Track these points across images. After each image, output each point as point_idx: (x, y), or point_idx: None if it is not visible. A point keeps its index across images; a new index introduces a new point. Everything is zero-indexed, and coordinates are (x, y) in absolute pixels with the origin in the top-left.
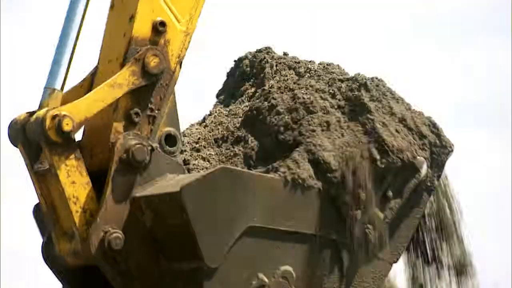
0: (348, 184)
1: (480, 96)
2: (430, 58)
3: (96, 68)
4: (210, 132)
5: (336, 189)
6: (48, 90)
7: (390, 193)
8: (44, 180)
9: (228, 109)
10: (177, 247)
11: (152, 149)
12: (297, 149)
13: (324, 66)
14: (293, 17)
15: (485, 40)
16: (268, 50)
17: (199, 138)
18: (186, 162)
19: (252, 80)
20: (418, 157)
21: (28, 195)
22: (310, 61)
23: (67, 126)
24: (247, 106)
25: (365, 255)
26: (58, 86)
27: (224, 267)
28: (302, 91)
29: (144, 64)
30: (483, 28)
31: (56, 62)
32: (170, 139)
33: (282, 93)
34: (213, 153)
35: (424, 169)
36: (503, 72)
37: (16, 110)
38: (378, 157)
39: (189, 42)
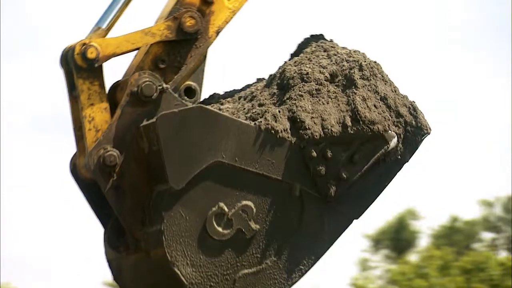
0: (318, 141)
1: None
2: None
3: None
4: (239, 91)
5: (306, 144)
6: (95, 27)
7: (356, 157)
8: (75, 102)
9: None
10: (157, 171)
11: (162, 89)
12: (281, 106)
13: (348, 51)
14: None
15: None
16: (319, 36)
17: (229, 95)
18: None
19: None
20: (389, 131)
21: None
22: (344, 47)
23: (91, 54)
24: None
25: (325, 206)
26: (104, 25)
27: (187, 192)
28: (307, 65)
29: (180, 22)
30: None
31: (110, 5)
32: (190, 92)
33: (295, 66)
34: (230, 107)
35: (393, 142)
36: None
37: (17, 110)
38: (349, 124)
39: (231, 18)
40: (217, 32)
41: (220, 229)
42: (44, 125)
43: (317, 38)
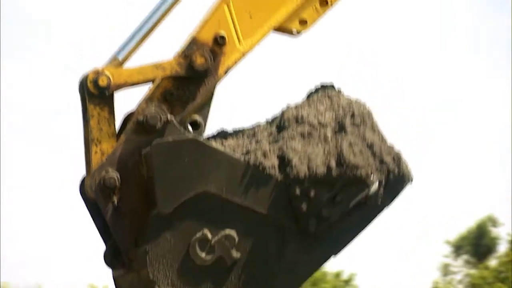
0: (302, 180)
1: None
2: None
3: None
4: (246, 129)
5: (291, 182)
6: (112, 58)
7: (338, 199)
8: (87, 126)
9: None
10: (153, 197)
11: (167, 120)
12: (272, 145)
13: (349, 100)
14: None
15: None
16: (328, 85)
17: (235, 132)
18: None
19: None
20: (371, 177)
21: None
22: (347, 97)
23: (102, 82)
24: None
25: (305, 241)
26: (120, 57)
27: (174, 216)
28: (305, 109)
29: (191, 60)
30: None
31: (131, 37)
32: (195, 125)
33: (295, 109)
34: (232, 142)
35: (374, 187)
36: None
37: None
38: (334, 166)
39: (241, 59)
40: (226, 72)
41: (202, 254)
42: (43, 125)
43: (326, 87)
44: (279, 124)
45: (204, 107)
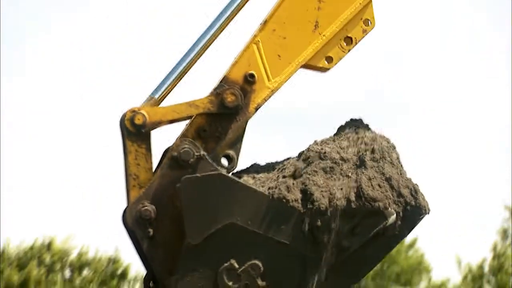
0: (324, 212)
1: None
2: None
3: None
4: (278, 163)
5: (313, 214)
6: (149, 97)
7: (357, 230)
8: (126, 160)
9: None
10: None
11: (200, 156)
12: (297, 179)
13: (374, 136)
14: None
15: None
16: (358, 120)
17: (267, 166)
18: (239, 176)
19: None
20: (389, 209)
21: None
22: (372, 132)
23: (138, 121)
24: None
25: (326, 272)
26: (157, 96)
27: (202, 247)
28: (329, 145)
29: (222, 97)
30: None
31: (167, 75)
32: (228, 159)
33: (320, 145)
34: (262, 176)
35: (391, 219)
36: None
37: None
38: (353, 199)
39: (270, 96)
40: (256, 109)
41: (230, 283)
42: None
43: (355, 122)
44: (305, 158)
45: (237, 142)
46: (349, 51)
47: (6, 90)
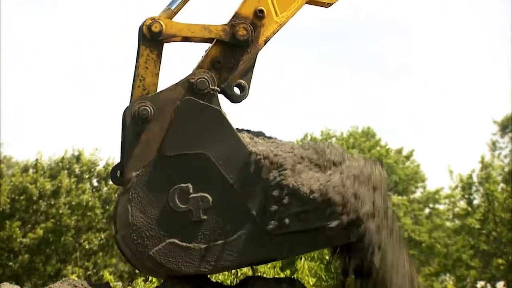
0: (284, 187)
1: None
2: None
3: None
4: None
5: (275, 184)
6: (166, 8)
7: (303, 216)
8: (137, 63)
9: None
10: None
11: (212, 89)
12: (280, 154)
13: (341, 151)
14: None
15: None
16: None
17: (270, 138)
18: (240, 131)
19: None
20: (344, 216)
21: None
22: (363, 159)
23: (155, 28)
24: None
25: (259, 236)
26: (173, 7)
27: (171, 161)
28: (290, 154)
29: (234, 30)
30: None
31: None
32: (240, 87)
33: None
34: (259, 141)
35: (334, 223)
36: None
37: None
38: (315, 190)
39: (278, 30)
40: (265, 41)
41: (177, 201)
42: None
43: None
44: (302, 153)
45: (248, 72)
46: None
47: (6, 90)
